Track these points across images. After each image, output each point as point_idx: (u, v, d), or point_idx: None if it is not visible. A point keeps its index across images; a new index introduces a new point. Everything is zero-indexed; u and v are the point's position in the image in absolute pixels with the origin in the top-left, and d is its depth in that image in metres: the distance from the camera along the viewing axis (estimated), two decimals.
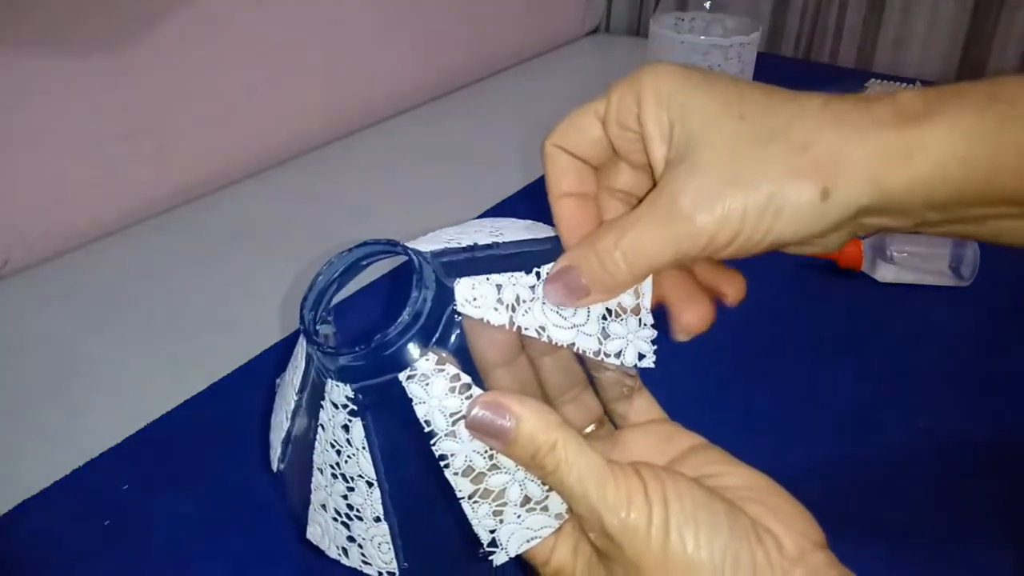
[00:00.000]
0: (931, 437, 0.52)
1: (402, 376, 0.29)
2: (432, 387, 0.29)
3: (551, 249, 0.33)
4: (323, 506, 0.32)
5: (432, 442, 0.29)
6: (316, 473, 0.32)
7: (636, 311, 0.31)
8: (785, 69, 1.14)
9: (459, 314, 0.29)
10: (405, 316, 0.28)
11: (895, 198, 0.26)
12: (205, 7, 0.73)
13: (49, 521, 0.46)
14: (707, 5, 0.82)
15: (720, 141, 0.28)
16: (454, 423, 0.28)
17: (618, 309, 0.31)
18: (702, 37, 0.79)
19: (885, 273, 0.65)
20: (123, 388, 0.56)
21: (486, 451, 0.29)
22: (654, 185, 0.30)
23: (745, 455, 0.50)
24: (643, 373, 0.33)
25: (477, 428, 0.28)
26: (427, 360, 0.29)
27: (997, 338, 0.62)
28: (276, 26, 0.81)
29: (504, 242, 0.33)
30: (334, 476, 0.31)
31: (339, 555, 0.32)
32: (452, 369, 0.29)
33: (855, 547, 0.47)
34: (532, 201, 0.79)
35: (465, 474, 0.29)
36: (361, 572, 0.32)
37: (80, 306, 0.64)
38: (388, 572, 0.31)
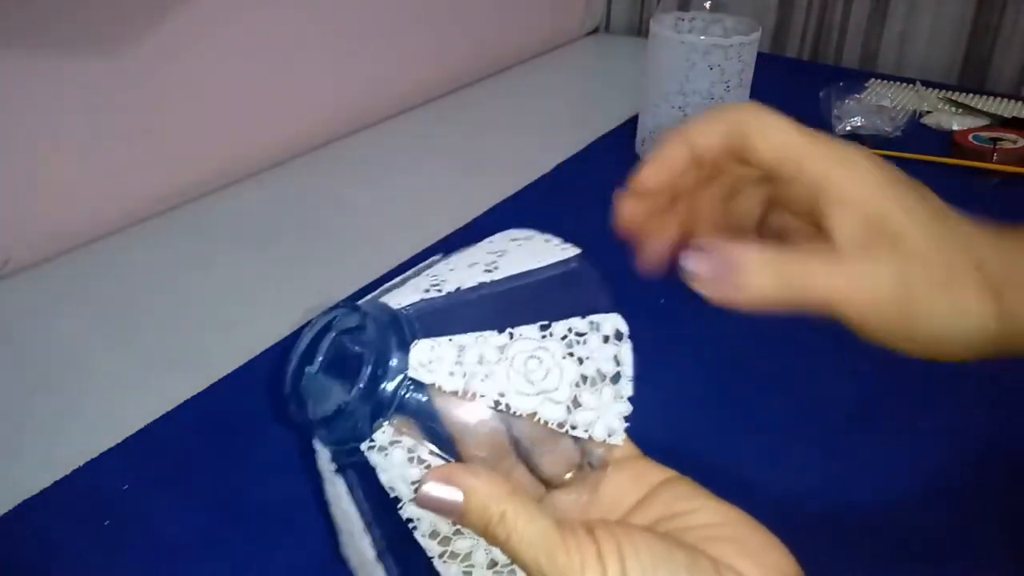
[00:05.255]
0: (932, 437, 0.52)
1: (363, 447, 0.29)
2: (391, 458, 0.28)
3: (549, 279, 0.31)
4: (341, 532, 0.33)
5: (398, 507, 0.29)
6: (329, 506, 0.32)
7: (615, 380, 0.30)
8: (786, 69, 1.14)
9: (413, 380, 0.29)
10: (356, 390, 0.28)
11: None
12: (205, 7, 0.73)
13: (49, 521, 0.46)
14: (707, 5, 0.82)
15: (911, 232, 0.30)
16: (415, 491, 0.28)
17: (595, 376, 0.29)
18: (702, 37, 0.79)
19: None
20: (123, 388, 0.56)
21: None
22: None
23: (745, 455, 0.50)
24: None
25: (428, 507, 0.28)
26: (383, 432, 0.28)
27: None
28: (276, 26, 0.81)
29: (496, 279, 0.31)
30: (337, 516, 0.32)
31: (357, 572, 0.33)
32: (408, 440, 0.28)
33: (856, 547, 0.47)
34: (534, 200, 0.79)
35: (432, 537, 0.29)
36: None
37: (80, 306, 0.64)
38: None
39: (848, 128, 0.92)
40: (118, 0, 0.68)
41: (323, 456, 0.31)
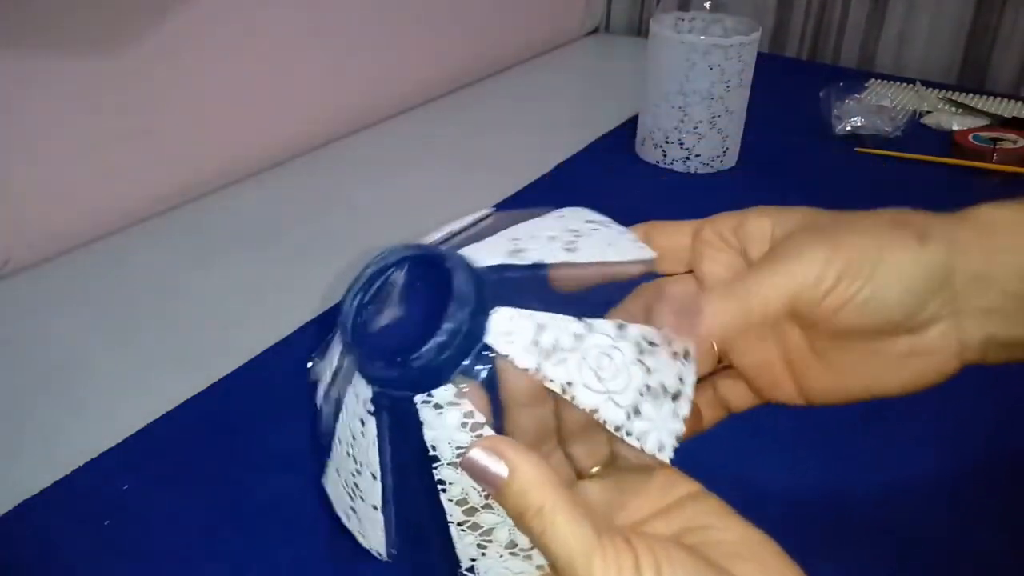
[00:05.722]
0: (933, 438, 0.52)
1: (417, 399, 0.28)
2: (444, 417, 0.28)
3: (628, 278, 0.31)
4: (337, 470, 0.32)
5: (434, 466, 0.28)
6: (336, 440, 0.32)
7: (675, 398, 0.29)
8: (786, 69, 1.14)
9: (489, 347, 0.28)
10: (436, 341, 0.27)
11: (983, 265, 0.31)
12: (205, 7, 0.73)
13: (49, 521, 0.46)
14: (707, 5, 0.82)
15: (820, 221, 0.32)
16: (458, 456, 0.28)
17: (658, 388, 0.29)
18: (702, 37, 0.79)
19: None
20: (123, 388, 0.56)
21: (483, 490, 0.28)
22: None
23: (746, 457, 0.50)
24: None
25: (470, 472, 0.28)
26: (446, 390, 0.28)
27: None
28: (276, 26, 0.81)
29: (576, 263, 0.31)
30: (347, 454, 0.31)
31: (343, 517, 0.32)
32: (467, 405, 0.28)
33: (856, 547, 0.47)
34: (534, 200, 0.79)
35: (459, 504, 0.29)
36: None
37: (80, 306, 0.64)
38: (378, 552, 0.31)
39: (848, 128, 0.92)
40: (118, 0, 0.68)
41: (360, 392, 0.30)
